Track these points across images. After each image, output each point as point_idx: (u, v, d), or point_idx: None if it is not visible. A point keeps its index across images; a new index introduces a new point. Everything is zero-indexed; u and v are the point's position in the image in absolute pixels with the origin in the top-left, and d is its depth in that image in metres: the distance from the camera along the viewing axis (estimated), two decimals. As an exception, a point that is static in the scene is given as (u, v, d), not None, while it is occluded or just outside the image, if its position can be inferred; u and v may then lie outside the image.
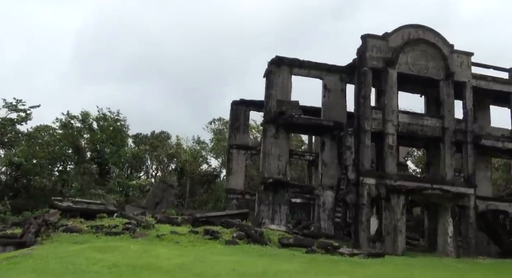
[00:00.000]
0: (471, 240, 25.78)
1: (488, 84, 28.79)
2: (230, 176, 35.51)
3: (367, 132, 25.15)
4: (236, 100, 36.81)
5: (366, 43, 26.18)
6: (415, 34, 27.06)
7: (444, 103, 27.05)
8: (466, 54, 28.06)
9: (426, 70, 27.11)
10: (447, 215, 25.20)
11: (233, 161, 35.94)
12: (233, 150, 36.26)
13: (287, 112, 26.46)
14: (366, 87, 25.73)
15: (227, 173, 35.53)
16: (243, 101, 36.50)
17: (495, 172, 49.68)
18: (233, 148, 36.32)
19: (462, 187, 26.22)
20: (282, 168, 26.89)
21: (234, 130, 36.03)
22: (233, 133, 36.65)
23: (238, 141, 36.39)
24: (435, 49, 27.24)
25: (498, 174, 48.80)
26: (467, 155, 26.90)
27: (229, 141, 36.68)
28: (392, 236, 24.12)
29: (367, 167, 24.73)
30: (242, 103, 36.50)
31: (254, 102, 35.75)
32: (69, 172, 52.08)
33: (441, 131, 26.59)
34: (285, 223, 26.33)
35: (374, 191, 24.55)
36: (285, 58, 27.96)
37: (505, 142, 28.57)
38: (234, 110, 36.48)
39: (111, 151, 53.48)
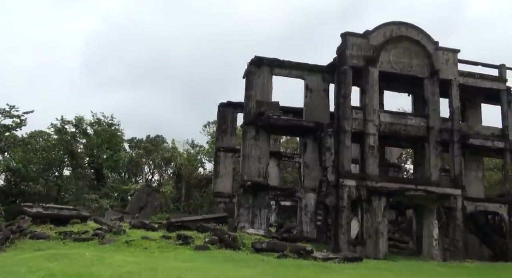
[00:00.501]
0: (458, 242, 24.87)
1: (476, 82, 27.88)
2: (217, 179, 34.95)
3: (347, 133, 24.41)
4: (223, 102, 36.28)
5: (346, 41, 25.48)
6: (397, 32, 26.29)
7: (429, 101, 26.22)
8: (452, 51, 27.21)
9: (410, 68, 26.31)
10: (432, 217, 24.33)
11: (220, 164, 35.39)
12: (220, 152, 35.72)
13: (266, 113, 25.79)
14: (346, 87, 25.01)
15: (214, 176, 34.97)
16: (230, 103, 35.95)
17: (497, 172, 48.56)
18: (221, 151, 35.78)
19: (448, 187, 25.35)
20: (262, 170, 26.24)
21: (222, 133, 35.49)
22: (221, 136, 36.12)
23: (225, 144, 35.83)
24: (419, 47, 26.44)
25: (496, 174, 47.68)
26: (453, 154, 26.00)
27: (216, 144, 36.11)
28: (374, 239, 23.33)
29: (347, 168, 23.98)
30: (229, 106, 35.96)
31: (242, 104, 35.10)
32: (64, 177, 51.89)
33: (426, 131, 25.75)
34: (266, 226, 25.65)
35: (355, 193, 23.78)
36: (265, 58, 27.36)
37: (495, 141, 27.62)
38: (221, 112, 35.96)
39: (106, 156, 53.21)
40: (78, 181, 51.55)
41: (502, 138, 27.79)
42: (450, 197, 24.78)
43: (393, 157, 40.78)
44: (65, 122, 52.81)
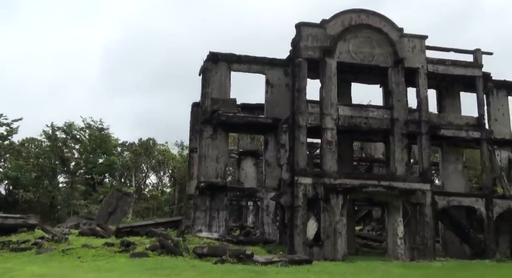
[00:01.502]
0: (427, 240, 23.27)
1: (447, 69, 26.17)
2: (191, 181, 33.87)
3: (301, 128, 23.13)
4: (196, 102, 35.17)
5: (300, 32, 24.19)
6: (357, 20, 24.85)
7: (393, 92, 24.70)
8: (419, 37, 25.62)
9: (372, 57, 24.84)
10: (396, 214, 22.83)
11: (193, 166, 34.36)
12: (194, 153, 34.67)
13: (221, 111, 24.68)
14: (301, 80, 23.74)
15: (188, 178, 33.95)
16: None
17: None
18: (194, 152, 34.73)
19: (415, 182, 23.78)
20: (220, 170, 25.12)
21: (195, 133, 34.36)
22: (194, 137, 35.03)
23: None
24: (381, 35, 24.94)
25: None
26: (421, 147, 24.40)
27: (189, 145, 35.10)
28: (332, 240, 21.96)
29: (302, 165, 22.68)
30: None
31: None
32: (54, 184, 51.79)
33: (390, 123, 24.23)
34: (224, 229, 24.52)
35: (311, 191, 22.49)
36: (221, 53, 26.20)
37: (469, 131, 25.85)
38: (194, 112, 34.81)
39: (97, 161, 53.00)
40: (69, 187, 51.44)
41: (478, 128, 26.00)
42: (415, 192, 23.22)
43: (377, 152, 39.21)
44: (56, 128, 52.76)
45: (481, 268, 21.26)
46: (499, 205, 25.27)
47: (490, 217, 24.83)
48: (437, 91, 29.39)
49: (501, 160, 29.41)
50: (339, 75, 26.94)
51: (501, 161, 29.39)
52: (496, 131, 29.43)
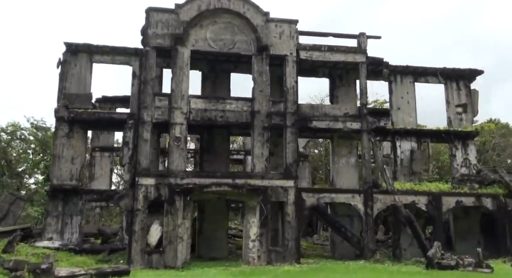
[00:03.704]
0: (288, 242, 21.26)
1: (324, 55, 23.96)
2: (93, 182, 32.22)
3: (146, 124, 21.21)
4: (99, 97, 33.40)
5: (149, 18, 22.19)
6: (216, 3, 22.76)
7: (255, 82, 22.61)
8: (288, 22, 23.45)
9: (232, 45, 22.78)
10: (251, 214, 20.84)
11: (96, 165, 32.69)
12: (96, 153, 33.01)
13: (72, 107, 22.85)
14: (147, 70, 21.79)
15: (89, 179, 32.23)
16: (106, 98, 33.04)
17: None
18: (96, 151, 33.08)
19: (277, 179, 21.74)
20: (76, 172, 23.30)
21: (98, 131, 32.70)
22: (96, 135, 33.39)
23: (102, 142, 33.14)
24: (242, 20, 22.83)
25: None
26: (286, 141, 22.33)
27: (91, 143, 33.34)
28: (174, 245, 20.07)
29: (144, 164, 20.77)
30: (105, 101, 33.05)
31: (120, 98, 32.24)
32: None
33: (251, 116, 22.17)
34: (79, 235, 22.73)
35: (154, 192, 20.58)
36: (81, 44, 24.28)
37: (347, 122, 23.69)
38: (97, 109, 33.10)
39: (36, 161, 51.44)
40: (3, 188, 49.99)
41: (359, 118, 23.81)
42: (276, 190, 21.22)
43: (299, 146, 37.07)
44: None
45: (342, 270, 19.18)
46: (380, 200, 23.16)
47: (369, 214, 22.74)
48: (330, 80, 27.26)
49: (403, 152, 27.25)
50: (218, 66, 25.18)
51: (403, 152, 27.24)
52: (399, 121, 27.45)
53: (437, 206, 23.57)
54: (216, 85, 25.38)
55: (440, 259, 20.38)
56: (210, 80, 25.33)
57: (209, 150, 24.42)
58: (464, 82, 29.11)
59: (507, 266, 21.15)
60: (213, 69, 25.43)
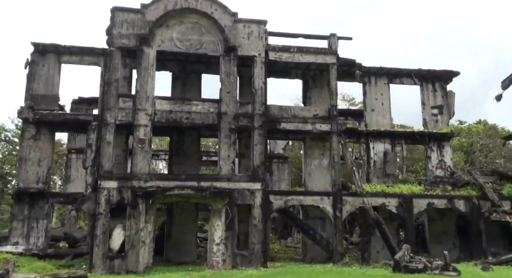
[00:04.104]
0: (254, 245, 20.95)
1: (293, 57, 23.69)
2: (68, 184, 31.79)
3: (109, 126, 20.87)
4: (76, 99, 33.05)
5: (113, 18, 21.86)
6: (183, 3, 22.45)
7: (222, 83, 22.31)
8: (256, 22, 23.18)
9: (200, 45, 22.48)
10: (216, 217, 20.53)
11: (71, 167, 32.26)
12: (72, 154, 32.57)
13: (37, 108, 22.49)
14: (111, 71, 21.47)
15: (64, 181, 31.80)
16: (83, 99, 32.70)
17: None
18: (72, 153, 32.64)
19: (244, 181, 21.45)
20: (42, 175, 22.91)
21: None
22: (73, 137, 32.94)
23: (79, 144, 32.66)
24: (210, 20, 22.54)
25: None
26: (253, 143, 22.04)
27: (68, 146, 32.96)
28: (137, 250, 19.72)
29: (107, 167, 20.42)
30: (82, 102, 32.71)
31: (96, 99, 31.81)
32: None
33: (217, 118, 21.87)
34: (45, 239, 22.34)
35: (116, 196, 20.23)
36: (49, 44, 23.88)
37: (317, 124, 23.41)
38: (74, 110, 32.69)
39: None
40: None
41: (328, 120, 23.54)
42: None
43: (278, 147, 36.85)
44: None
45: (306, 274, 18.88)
46: (350, 203, 22.88)
47: (338, 217, 22.45)
48: (303, 82, 27.01)
49: (377, 153, 27.03)
50: (188, 66, 24.89)
51: (376, 154, 27.02)
52: (373, 122, 27.24)
53: (408, 208, 23.32)
54: (186, 86, 25.08)
55: (408, 262, 20.12)
56: (180, 81, 25.03)
57: (178, 152, 24.10)
58: (440, 84, 28.93)
59: (477, 269, 20.89)
60: (184, 70, 25.13)
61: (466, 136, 48.18)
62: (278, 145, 36.71)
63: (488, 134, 49.11)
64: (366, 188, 23.71)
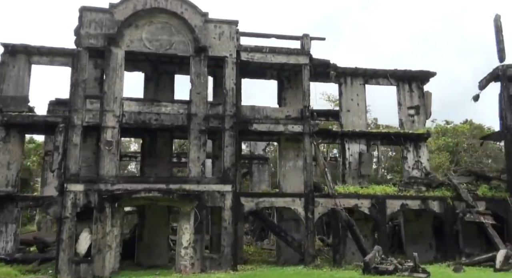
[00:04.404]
0: (224, 248, 20.71)
1: (266, 57, 23.48)
2: (45, 188, 31.32)
3: (76, 128, 20.54)
4: (53, 100, 32.51)
5: (82, 17, 21.53)
6: (153, 3, 22.16)
7: (193, 84, 22.06)
8: (227, 23, 22.94)
9: (169, 46, 22.21)
10: (185, 220, 20.26)
11: (48, 170, 31.76)
12: (49, 156, 32.07)
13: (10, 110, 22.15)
14: (79, 72, 21.12)
15: (41, 184, 31.38)
16: (60, 101, 32.08)
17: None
18: (48, 155, 32.13)
19: (213, 183, 21.20)
20: (12, 178, 22.56)
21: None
22: (49, 138, 32.45)
23: (55, 146, 32.23)
24: (180, 20, 22.28)
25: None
26: (224, 144, 21.80)
27: (44, 147, 32.51)
28: (103, 254, 19.40)
29: (73, 170, 20.09)
30: (59, 104, 32.11)
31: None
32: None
33: (187, 119, 21.61)
34: (14, 244, 21.97)
35: (83, 199, 19.89)
36: (19, 45, 23.57)
37: (289, 125, 23.22)
38: (51, 112, 32.13)
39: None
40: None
41: (301, 121, 23.36)
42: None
43: (258, 148, 36.68)
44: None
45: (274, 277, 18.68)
46: (322, 204, 22.71)
47: (310, 218, 22.27)
48: (278, 82, 26.81)
49: (352, 154, 26.91)
50: (161, 67, 24.62)
51: (352, 155, 26.89)
52: (349, 123, 27.11)
53: (381, 209, 23.18)
54: (159, 87, 24.79)
55: (379, 264, 19.99)
56: (153, 82, 24.73)
57: (150, 154, 23.80)
58: (417, 84, 28.89)
59: (448, 271, 20.81)
60: (156, 71, 24.85)
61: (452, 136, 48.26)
62: (259, 146, 36.56)
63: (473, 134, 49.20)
64: (339, 189, 23.57)
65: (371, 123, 46.81)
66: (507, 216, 25.10)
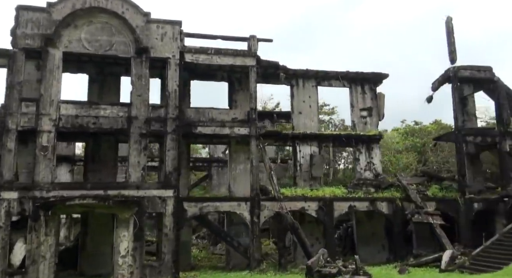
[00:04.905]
0: (165, 255, 20.17)
1: (211, 59, 23.06)
2: None
3: (10, 133, 19.72)
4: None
5: (18, 17, 20.73)
6: (92, 2, 21.51)
7: (133, 86, 21.49)
8: (170, 23, 22.43)
9: (110, 47, 21.57)
10: (123, 227, 19.64)
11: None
12: None
13: None
14: (14, 73, 20.32)
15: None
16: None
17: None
18: None
19: (154, 189, 20.65)
20: None
21: None
22: None
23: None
24: (121, 20, 21.67)
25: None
26: (166, 148, 21.28)
27: None
28: (38, 265, 18.63)
29: (7, 177, 19.27)
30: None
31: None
32: None
33: (127, 122, 21.01)
34: None
35: (17, 207, 19.11)
36: None
37: (235, 127, 22.85)
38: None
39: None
40: None
41: (247, 123, 23.01)
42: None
43: (218, 151, 36.21)
44: None
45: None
46: (268, 208, 22.40)
47: (256, 222, 21.92)
48: (228, 84, 26.41)
49: (304, 156, 26.69)
50: (107, 69, 23.92)
51: (304, 157, 26.67)
52: (301, 125, 26.90)
53: (328, 212, 23.01)
54: (104, 89, 24.12)
55: (323, 267, 19.79)
56: (97, 84, 24.04)
57: (94, 158, 23.11)
58: (370, 86, 28.88)
59: (393, 272, 20.76)
60: (102, 73, 24.15)
61: (420, 136, 48.68)
62: (218, 149, 36.09)
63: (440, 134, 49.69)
64: (286, 192, 23.32)
65: (339, 124, 47.01)
66: (457, 216, 25.25)
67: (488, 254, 20.88)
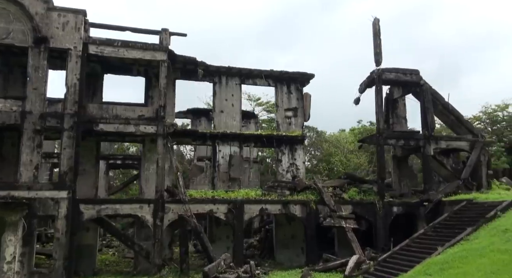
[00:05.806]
0: (56, 262, 18.99)
1: (118, 51, 21.82)
2: None
3: None
4: None
5: None
6: (-15, -13, 19.90)
7: (29, 78, 20.07)
8: (73, 12, 21.07)
9: (7, 35, 20.06)
10: (10, 231, 18.29)
11: None
12: None
13: None
14: None
15: None
16: None
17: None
18: None
19: (47, 190, 19.37)
20: None
21: None
22: None
23: None
24: (18, 6, 20.19)
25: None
26: (62, 146, 19.99)
27: None
28: None
29: None
30: None
31: None
32: None
33: (20, 117, 19.61)
34: None
35: None
36: None
37: (141, 125, 21.76)
38: None
39: None
40: None
41: (155, 121, 21.95)
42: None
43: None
44: None
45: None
46: (173, 210, 21.46)
47: (158, 226, 20.93)
48: (145, 79, 25.25)
49: (223, 157, 25.89)
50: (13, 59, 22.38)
51: (223, 157, 25.87)
52: (222, 124, 26.10)
53: (238, 215, 22.27)
54: (10, 82, 22.62)
55: (223, 273, 19.09)
56: (2, 75, 22.49)
57: (-7, 155, 21.56)
58: (296, 86, 28.35)
59: (296, 277, 20.28)
60: (7, 63, 22.62)
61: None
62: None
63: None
64: (195, 194, 22.48)
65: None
66: (375, 219, 24.97)
67: (395, 259, 20.58)
